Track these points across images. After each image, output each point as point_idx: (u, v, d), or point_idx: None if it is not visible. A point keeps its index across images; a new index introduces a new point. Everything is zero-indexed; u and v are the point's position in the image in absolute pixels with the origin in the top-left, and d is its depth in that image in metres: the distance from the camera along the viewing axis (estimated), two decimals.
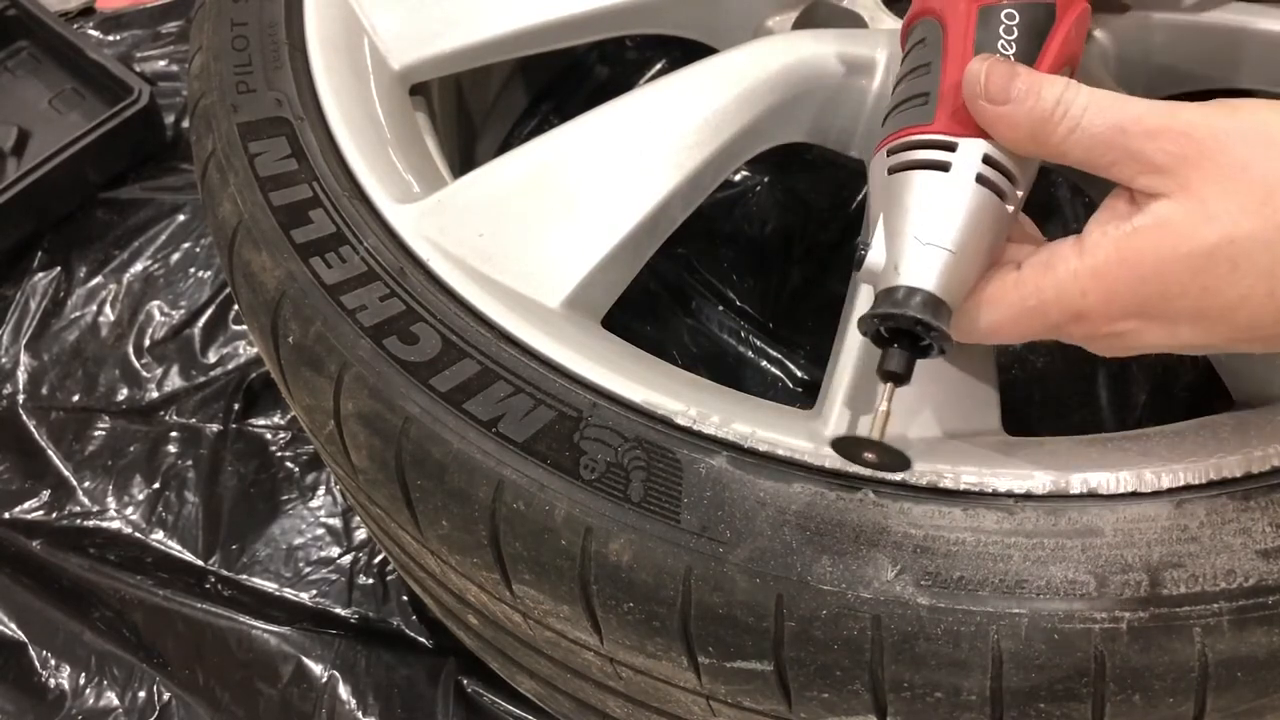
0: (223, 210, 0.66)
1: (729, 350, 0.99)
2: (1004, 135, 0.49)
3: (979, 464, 0.53)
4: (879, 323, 0.48)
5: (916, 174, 0.50)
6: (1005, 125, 0.48)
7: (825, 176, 1.04)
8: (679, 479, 0.52)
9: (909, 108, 0.53)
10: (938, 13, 0.54)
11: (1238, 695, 0.48)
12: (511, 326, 0.58)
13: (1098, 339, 0.48)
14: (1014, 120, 0.48)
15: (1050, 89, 0.47)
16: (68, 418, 1.08)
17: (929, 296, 0.47)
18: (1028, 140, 0.48)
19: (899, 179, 0.51)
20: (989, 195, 0.49)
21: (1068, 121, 0.46)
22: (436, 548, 0.58)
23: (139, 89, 1.21)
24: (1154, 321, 0.46)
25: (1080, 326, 0.47)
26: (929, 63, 0.53)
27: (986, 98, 0.48)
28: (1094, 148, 0.46)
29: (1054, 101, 0.47)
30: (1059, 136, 0.47)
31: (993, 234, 0.50)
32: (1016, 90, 0.47)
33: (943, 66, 0.52)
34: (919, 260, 0.48)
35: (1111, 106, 0.46)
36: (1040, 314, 0.48)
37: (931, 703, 0.49)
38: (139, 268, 1.18)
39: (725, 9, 0.79)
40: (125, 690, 0.93)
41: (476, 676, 0.91)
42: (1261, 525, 0.49)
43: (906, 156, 0.51)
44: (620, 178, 0.65)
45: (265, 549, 0.99)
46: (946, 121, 0.51)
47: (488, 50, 0.75)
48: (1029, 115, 0.47)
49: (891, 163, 0.51)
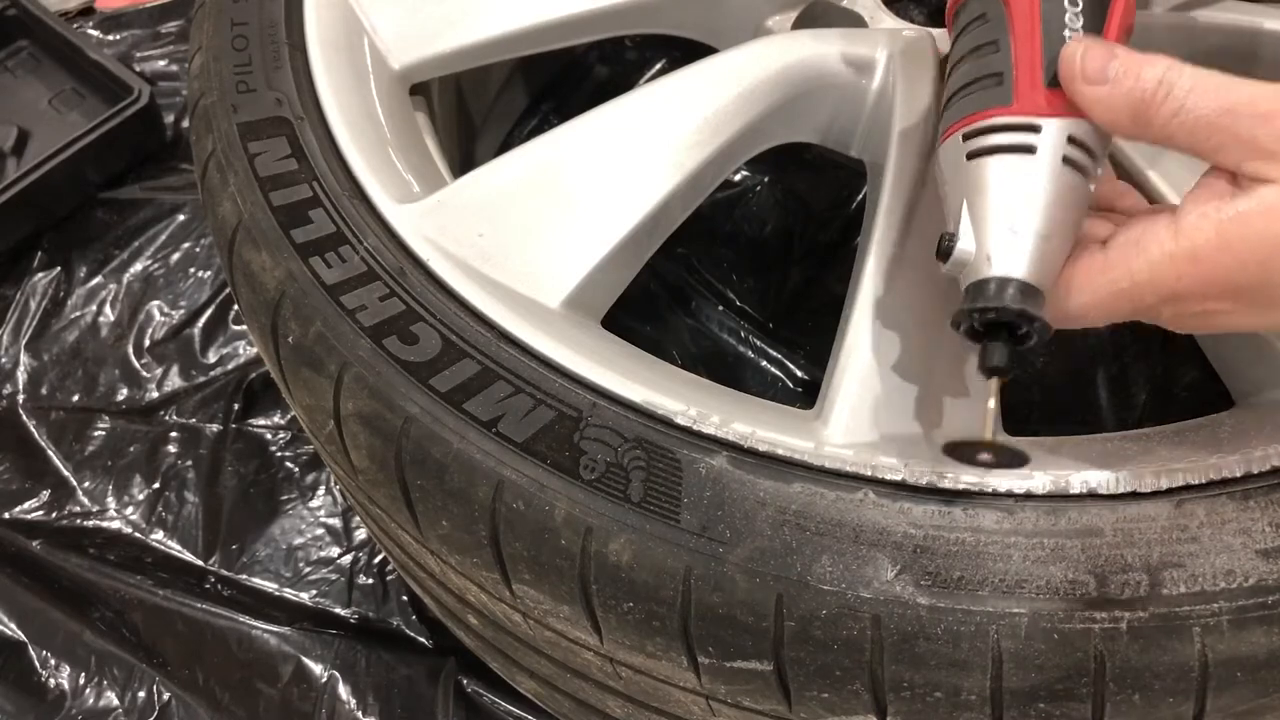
0: (223, 210, 0.66)
1: (729, 350, 0.99)
2: (1103, 117, 0.47)
3: None
4: (977, 317, 0.47)
5: (1001, 158, 0.49)
6: (1104, 108, 0.47)
7: (825, 176, 1.04)
8: (679, 479, 0.52)
9: (980, 89, 0.51)
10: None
11: (1238, 695, 0.48)
12: (511, 326, 0.58)
13: (1185, 318, 0.47)
14: (1113, 102, 0.46)
15: (1151, 69, 0.45)
16: (68, 418, 1.08)
17: (1025, 286, 0.46)
18: (1129, 122, 0.46)
19: (980, 164, 0.49)
20: (1075, 175, 0.48)
21: (1170, 103, 0.45)
22: (436, 548, 0.58)
23: (139, 89, 1.21)
24: (1248, 305, 0.45)
25: (1172, 307, 0.46)
26: (995, 40, 0.51)
27: (1085, 79, 0.47)
28: (1199, 130, 0.45)
29: (1156, 81, 0.45)
30: (1162, 118, 0.45)
31: (1079, 214, 0.49)
32: (1114, 70, 0.46)
33: (1012, 44, 0.50)
34: (1013, 249, 0.47)
35: (1219, 88, 0.44)
36: (1131, 296, 0.46)
37: (931, 703, 0.49)
38: (139, 268, 1.18)
39: (725, 9, 0.79)
40: (125, 690, 0.93)
41: (476, 676, 0.91)
42: (1261, 525, 0.49)
43: (987, 141, 0.49)
44: (620, 178, 0.65)
45: (265, 549, 0.99)
46: (1028, 102, 0.49)
47: (488, 50, 0.75)
48: (1128, 96, 0.46)
49: (970, 147, 0.50)
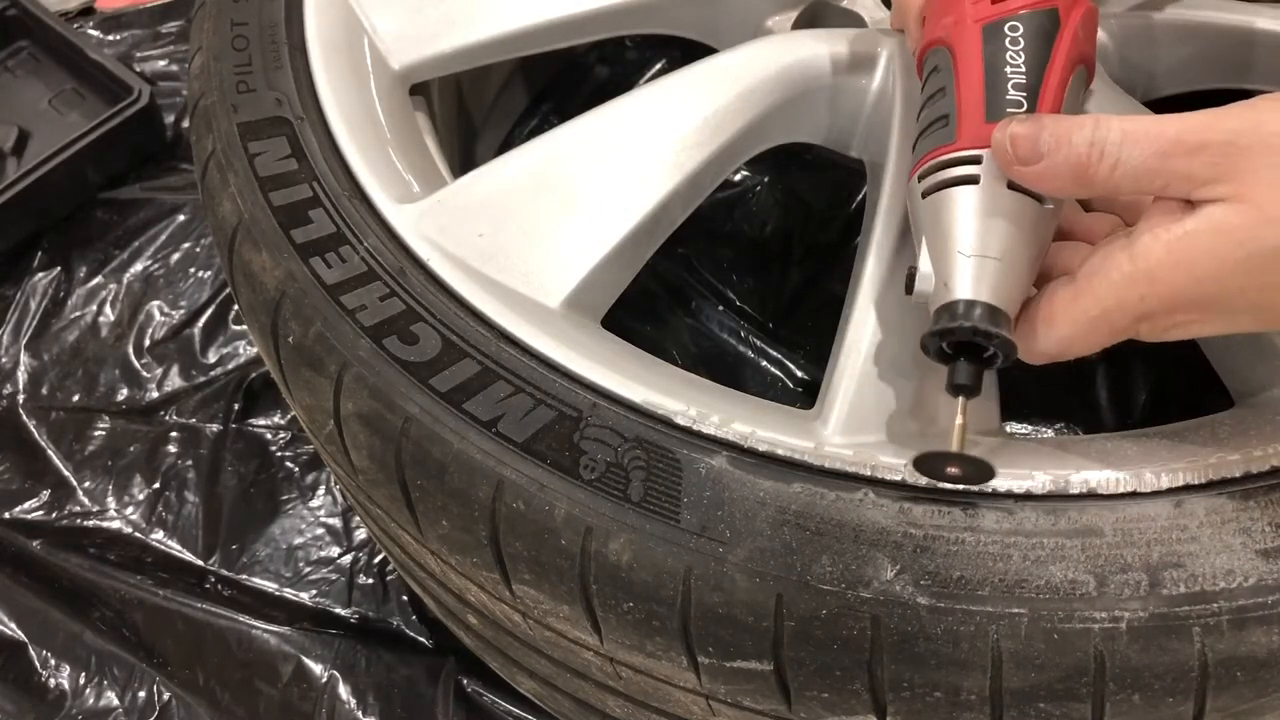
0: (223, 210, 0.66)
1: (729, 350, 0.99)
2: (1048, 188, 0.49)
3: None
4: (940, 339, 0.49)
5: (949, 191, 0.51)
6: (1046, 180, 0.48)
7: (825, 176, 1.04)
8: (679, 479, 0.52)
9: (931, 132, 0.54)
10: (944, 39, 0.55)
11: (1237, 695, 0.48)
12: (511, 326, 0.58)
13: (1162, 332, 0.48)
14: (1054, 173, 0.48)
15: (1079, 133, 0.47)
16: (68, 418, 1.08)
17: (984, 306, 0.48)
18: (1074, 186, 0.48)
19: (934, 200, 0.52)
20: (1024, 199, 0.50)
21: (1106, 160, 0.46)
22: (436, 548, 0.58)
23: (139, 89, 1.21)
24: (1214, 314, 0.46)
25: (1147, 324, 0.47)
26: (943, 87, 0.54)
27: (1019, 161, 0.48)
28: (1140, 177, 0.46)
29: (1087, 145, 0.46)
30: (1103, 176, 0.46)
31: (1037, 235, 0.50)
32: (1045, 144, 0.47)
33: (956, 88, 0.53)
34: (967, 273, 0.49)
35: (1147, 134, 0.46)
36: (1106, 321, 0.48)
37: (931, 702, 0.49)
38: (139, 268, 1.18)
39: (725, 9, 0.79)
40: (125, 690, 0.93)
41: (476, 676, 0.91)
42: (1261, 525, 0.49)
43: (937, 177, 0.52)
44: (620, 178, 0.65)
45: (265, 549, 0.99)
46: (968, 137, 0.52)
47: (487, 50, 0.75)
48: (1065, 163, 0.47)
49: (924, 186, 0.53)
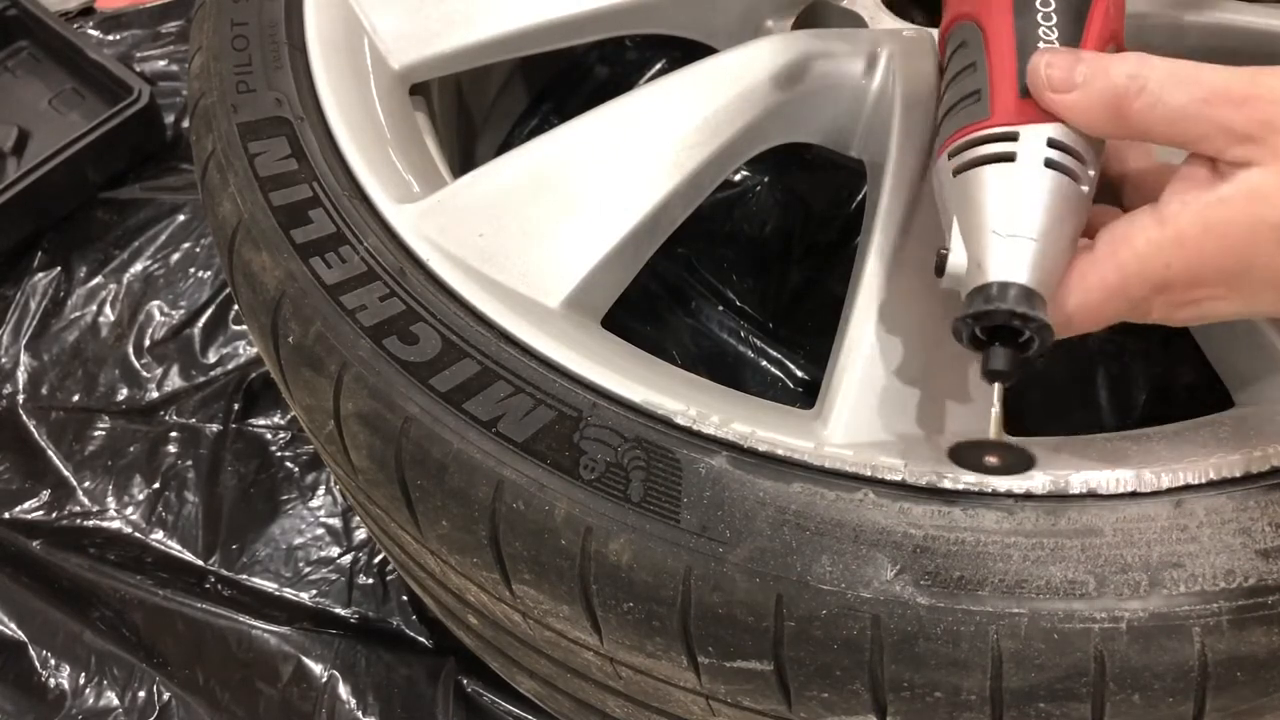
0: (223, 210, 0.66)
1: (729, 350, 0.99)
2: (1079, 121, 0.48)
3: None
4: (974, 323, 0.47)
5: (984, 169, 0.49)
6: (1078, 112, 0.47)
7: (825, 176, 1.04)
8: (679, 479, 0.52)
9: (962, 108, 0.52)
10: (971, 14, 0.54)
11: (1237, 695, 0.48)
12: (511, 326, 0.58)
13: (1176, 309, 0.47)
14: (1087, 104, 0.47)
15: (1120, 65, 0.46)
16: (68, 418, 1.08)
17: (1020, 288, 0.46)
18: (1106, 122, 0.47)
19: (966, 178, 0.50)
20: (1061, 178, 0.48)
21: (1146, 97, 0.45)
22: (436, 548, 0.58)
23: (139, 89, 1.21)
24: (1236, 290, 0.45)
25: (1163, 297, 0.46)
26: (973, 62, 0.52)
27: (1053, 88, 0.47)
28: (1178, 121, 0.45)
29: (1127, 77, 0.45)
30: (1139, 112, 0.45)
31: (1073, 217, 0.49)
32: (1081, 74, 0.47)
33: (988, 62, 0.51)
34: (1003, 253, 0.47)
35: (1192, 77, 0.44)
36: (1122, 291, 0.46)
37: (931, 702, 0.49)
38: (139, 268, 1.18)
39: (725, 9, 0.79)
40: (125, 690, 0.93)
41: (476, 676, 0.91)
42: (1261, 525, 0.49)
43: (970, 154, 0.50)
44: (620, 178, 0.65)
45: (265, 549, 0.99)
46: (1004, 112, 0.50)
47: (488, 50, 0.75)
48: (1101, 96, 0.46)
49: (955, 163, 0.51)
